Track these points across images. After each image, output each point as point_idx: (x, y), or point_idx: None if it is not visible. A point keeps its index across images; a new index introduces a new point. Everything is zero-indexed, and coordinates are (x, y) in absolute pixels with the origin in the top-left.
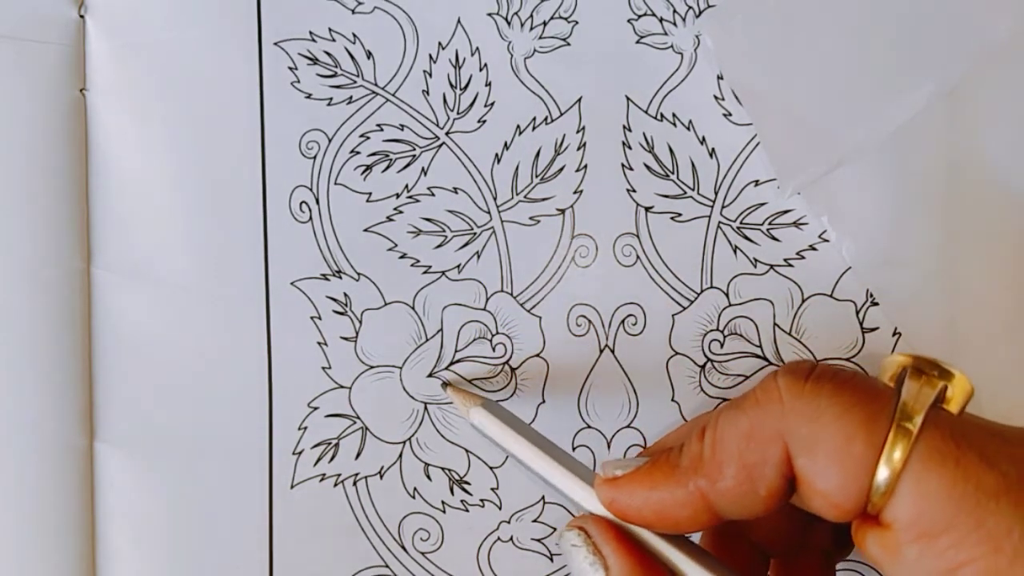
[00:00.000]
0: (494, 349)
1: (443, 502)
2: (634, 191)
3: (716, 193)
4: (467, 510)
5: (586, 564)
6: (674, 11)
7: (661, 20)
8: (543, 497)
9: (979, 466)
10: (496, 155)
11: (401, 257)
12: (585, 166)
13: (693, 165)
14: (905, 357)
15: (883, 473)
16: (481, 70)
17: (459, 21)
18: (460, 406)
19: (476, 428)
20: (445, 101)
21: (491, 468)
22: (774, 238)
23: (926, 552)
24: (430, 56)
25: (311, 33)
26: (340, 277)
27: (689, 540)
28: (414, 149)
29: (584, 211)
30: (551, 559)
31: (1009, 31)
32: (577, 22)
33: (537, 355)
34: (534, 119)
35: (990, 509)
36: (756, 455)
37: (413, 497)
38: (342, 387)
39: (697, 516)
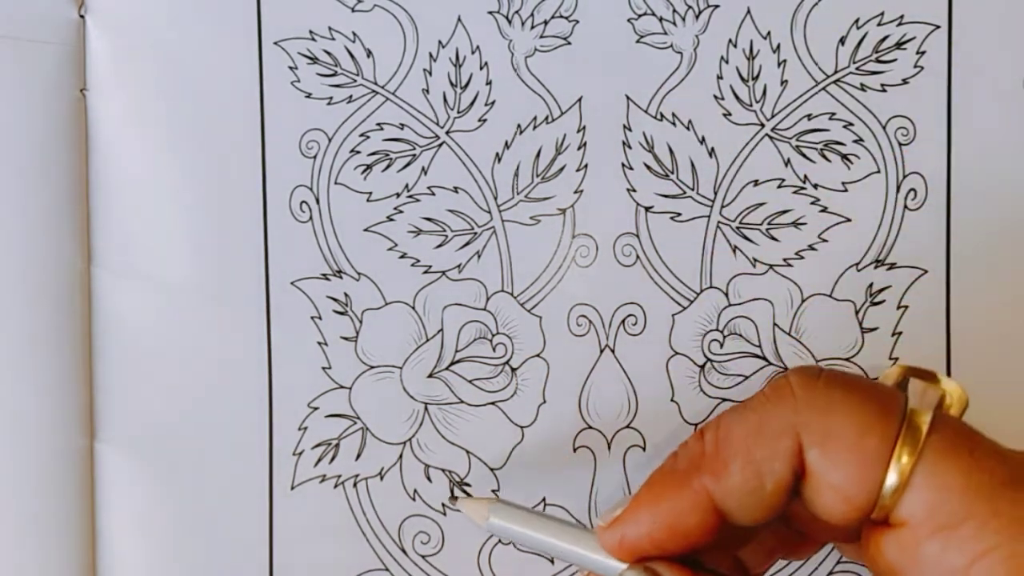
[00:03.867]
0: (494, 349)
1: (443, 504)
2: (634, 191)
3: (716, 193)
4: None
5: None
6: (674, 11)
7: (661, 20)
8: (544, 499)
9: (992, 458)
10: (497, 154)
11: (401, 257)
12: (586, 165)
13: (693, 165)
14: (903, 367)
15: (895, 468)
16: (482, 69)
17: (459, 19)
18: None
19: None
20: (445, 100)
21: (492, 469)
22: (773, 238)
23: (947, 545)
24: (430, 55)
25: (311, 32)
26: (340, 277)
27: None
28: (414, 148)
29: (584, 211)
30: (552, 561)
31: None
32: (578, 21)
33: (537, 355)
34: (535, 118)
35: (1007, 497)
36: (765, 449)
37: (413, 499)
38: (342, 387)
39: (705, 520)
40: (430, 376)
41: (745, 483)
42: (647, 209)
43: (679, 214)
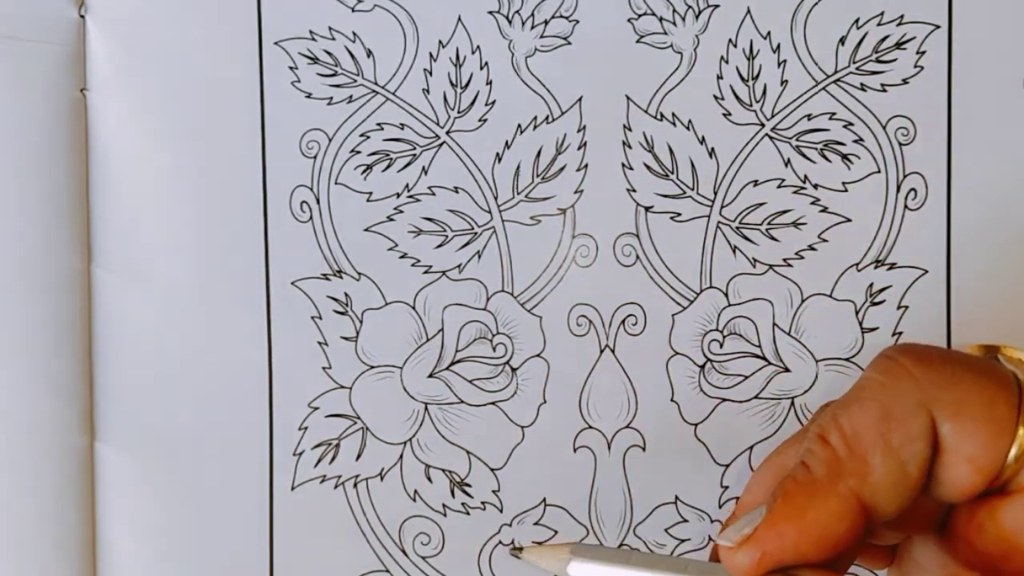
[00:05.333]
0: (494, 349)
1: (444, 505)
2: (634, 191)
3: (715, 193)
4: (468, 513)
5: None
6: (674, 11)
7: (661, 20)
8: (544, 499)
9: None
10: (497, 154)
11: (402, 257)
12: (586, 165)
13: (693, 165)
14: (980, 346)
15: (1021, 434)
16: (482, 69)
17: (460, 19)
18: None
19: None
20: (446, 100)
21: (492, 470)
22: (773, 238)
23: None
24: (430, 55)
25: (311, 32)
26: (341, 277)
27: None
28: (414, 148)
29: (584, 211)
30: None
31: None
32: (578, 21)
33: (537, 355)
34: (535, 118)
35: None
36: (901, 433)
37: (414, 500)
38: (342, 387)
39: (855, 525)
40: (430, 376)
41: (890, 473)
42: (647, 209)
43: (679, 214)
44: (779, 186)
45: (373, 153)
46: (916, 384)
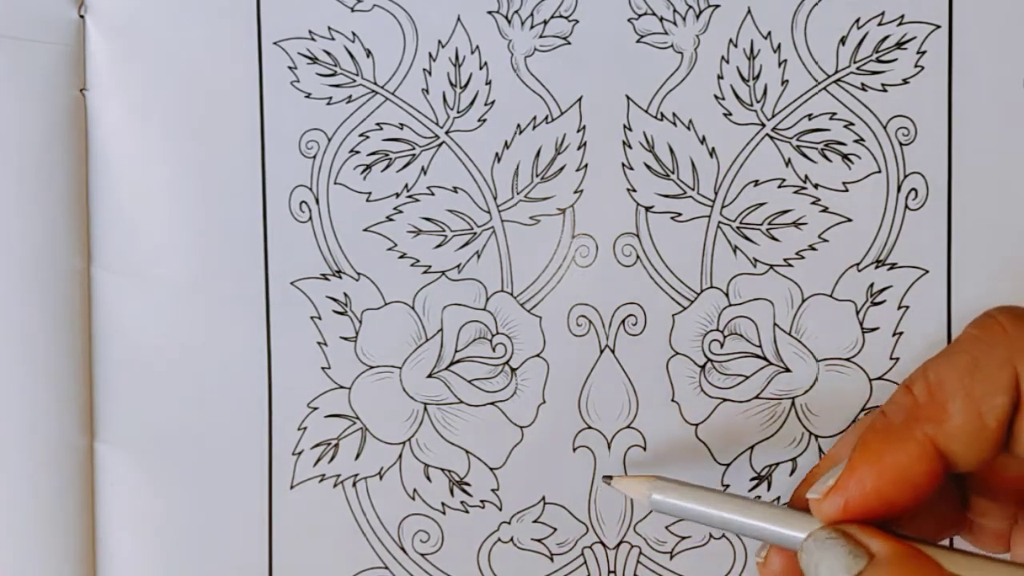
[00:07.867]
0: (494, 349)
1: (443, 503)
2: (634, 191)
3: (716, 193)
4: (467, 511)
5: (844, 554)
6: (674, 11)
7: (661, 20)
8: (543, 497)
9: None
10: (496, 154)
11: (401, 257)
12: (585, 165)
13: (693, 165)
14: None
15: None
16: (481, 68)
17: (459, 19)
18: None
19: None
20: (445, 100)
21: (491, 469)
22: (774, 238)
23: None
24: (430, 54)
25: (311, 32)
26: (340, 277)
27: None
28: (414, 148)
29: (584, 211)
30: (551, 559)
31: None
32: (578, 21)
33: (537, 355)
34: (534, 118)
35: None
36: (985, 385)
37: (413, 498)
38: (342, 387)
39: (932, 468)
40: (430, 376)
41: (968, 423)
42: (647, 209)
43: (679, 214)
44: (780, 186)
45: (372, 153)
46: (1008, 340)
